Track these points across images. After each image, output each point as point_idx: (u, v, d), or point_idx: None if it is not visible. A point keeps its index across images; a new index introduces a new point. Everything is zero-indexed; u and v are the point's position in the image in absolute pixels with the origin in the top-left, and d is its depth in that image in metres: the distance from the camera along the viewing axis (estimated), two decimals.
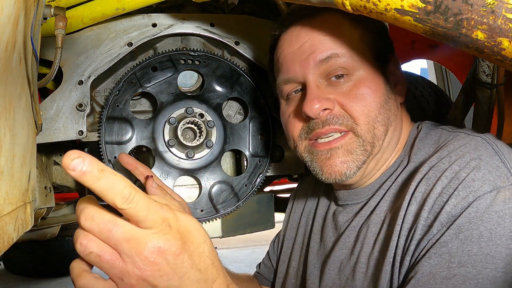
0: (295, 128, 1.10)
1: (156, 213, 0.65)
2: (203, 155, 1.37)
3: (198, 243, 0.71)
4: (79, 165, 0.56)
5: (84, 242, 0.65)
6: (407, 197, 0.93)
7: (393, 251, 0.92)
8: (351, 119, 1.02)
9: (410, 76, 1.96)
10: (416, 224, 0.88)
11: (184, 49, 1.41)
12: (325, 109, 1.02)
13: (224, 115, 1.44)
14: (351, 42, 1.05)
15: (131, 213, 0.63)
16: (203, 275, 0.70)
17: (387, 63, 1.10)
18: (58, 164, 1.68)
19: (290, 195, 1.49)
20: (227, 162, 1.54)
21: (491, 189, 0.83)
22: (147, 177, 1.16)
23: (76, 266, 0.68)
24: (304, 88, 1.07)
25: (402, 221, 0.92)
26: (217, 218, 1.40)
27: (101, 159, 1.33)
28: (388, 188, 1.05)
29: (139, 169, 1.21)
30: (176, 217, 0.69)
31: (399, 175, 1.04)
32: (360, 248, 1.03)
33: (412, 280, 0.84)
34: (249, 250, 7.23)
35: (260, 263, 1.53)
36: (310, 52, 1.05)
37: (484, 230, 0.80)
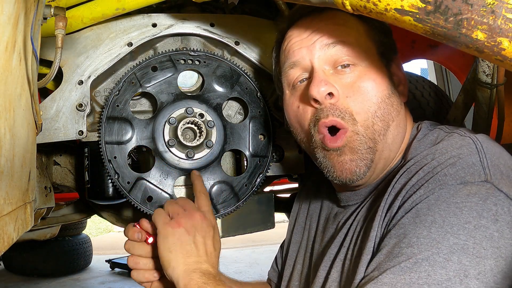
0: (305, 119, 1.09)
1: (208, 206, 1.23)
2: (203, 155, 1.36)
3: (217, 235, 1.20)
4: None
5: (170, 202, 1.20)
6: (389, 189, 0.98)
7: (373, 241, 0.96)
8: (352, 116, 1.03)
9: (410, 76, 1.96)
10: (391, 213, 0.94)
11: (184, 49, 1.41)
12: (331, 95, 1.03)
13: (224, 115, 1.44)
14: (358, 34, 1.08)
15: (198, 203, 1.23)
16: (212, 247, 1.15)
17: (390, 62, 1.11)
18: (58, 164, 1.68)
19: (295, 199, 1.49)
20: (227, 162, 1.54)
21: (458, 183, 0.87)
22: None
23: (157, 209, 1.20)
24: (310, 77, 1.08)
25: (381, 212, 0.97)
26: (217, 218, 1.40)
27: (101, 159, 1.33)
28: (381, 186, 1.07)
29: None
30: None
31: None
32: (349, 241, 1.07)
33: (375, 258, 0.91)
34: (249, 250, 7.23)
35: (270, 269, 1.54)
36: (318, 37, 1.07)
37: (438, 217, 0.84)
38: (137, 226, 1.21)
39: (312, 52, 1.06)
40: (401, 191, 0.94)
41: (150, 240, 1.19)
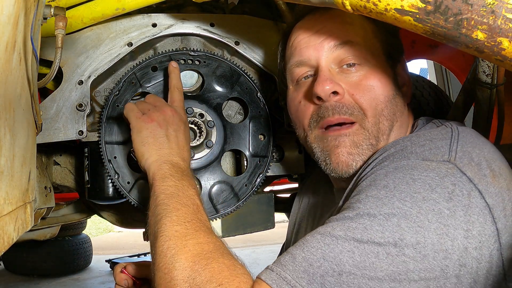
0: (306, 115, 1.10)
1: (180, 101, 1.26)
2: (203, 155, 1.37)
3: (187, 129, 1.23)
4: None
5: (140, 101, 1.24)
6: (365, 165, 1.00)
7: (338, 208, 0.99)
8: (360, 110, 1.04)
9: (410, 76, 1.95)
10: (359, 182, 0.96)
11: (184, 49, 1.41)
12: (336, 93, 1.03)
13: (224, 115, 1.44)
14: (365, 34, 1.08)
15: (171, 98, 1.26)
16: (184, 140, 1.18)
17: (396, 63, 1.12)
18: (58, 164, 1.68)
19: (295, 199, 1.49)
20: (227, 162, 1.54)
21: (420, 159, 0.88)
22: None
23: (128, 104, 1.23)
24: (315, 74, 1.08)
25: (352, 185, 1.00)
26: (217, 218, 1.40)
27: (101, 159, 1.33)
28: None
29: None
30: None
31: None
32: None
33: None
34: (249, 250, 7.22)
35: None
36: (325, 37, 1.07)
37: (391, 183, 0.86)
38: (125, 272, 1.24)
39: (319, 52, 1.07)
40: (371, 163, 0.97)
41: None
